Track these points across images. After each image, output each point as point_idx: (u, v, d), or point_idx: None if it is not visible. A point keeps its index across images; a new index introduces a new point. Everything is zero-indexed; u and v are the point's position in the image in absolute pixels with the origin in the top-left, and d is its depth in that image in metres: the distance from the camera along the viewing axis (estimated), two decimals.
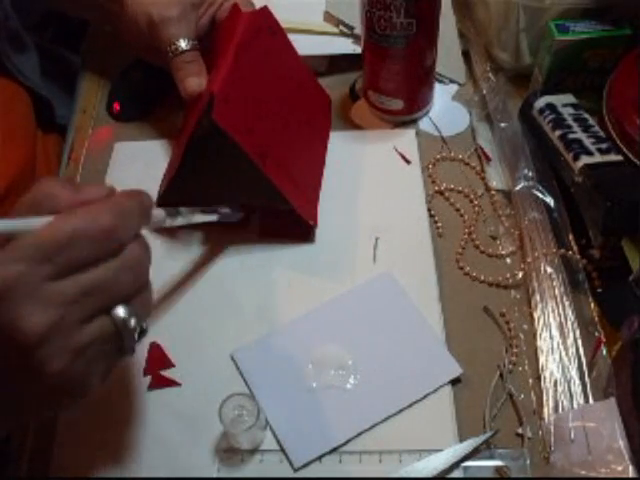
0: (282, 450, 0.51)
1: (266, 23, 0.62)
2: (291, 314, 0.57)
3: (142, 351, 0.56)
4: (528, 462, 0.50)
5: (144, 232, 0.43)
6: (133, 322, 0.40)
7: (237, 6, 0.63)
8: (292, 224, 0.60)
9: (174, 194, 0.60)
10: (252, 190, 0.58)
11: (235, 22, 0.60)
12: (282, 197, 0.57)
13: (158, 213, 0.48)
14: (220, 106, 0.53)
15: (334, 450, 0.51)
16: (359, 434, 0.51)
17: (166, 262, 0.61)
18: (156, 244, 0.61)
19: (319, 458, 0.51)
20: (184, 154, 0.57)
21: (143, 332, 0.41)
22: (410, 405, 0.52)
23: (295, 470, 0.50)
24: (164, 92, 0.66)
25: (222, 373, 0.55)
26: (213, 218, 0.57)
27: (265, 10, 0.63)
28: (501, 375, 0.54)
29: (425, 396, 0.53)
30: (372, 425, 0.52)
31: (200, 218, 0.56)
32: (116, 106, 0.73)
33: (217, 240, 0.62)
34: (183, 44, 0.62)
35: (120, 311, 0.40)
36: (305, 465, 0.50)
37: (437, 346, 0.55)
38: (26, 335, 0.36)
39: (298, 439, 0.51)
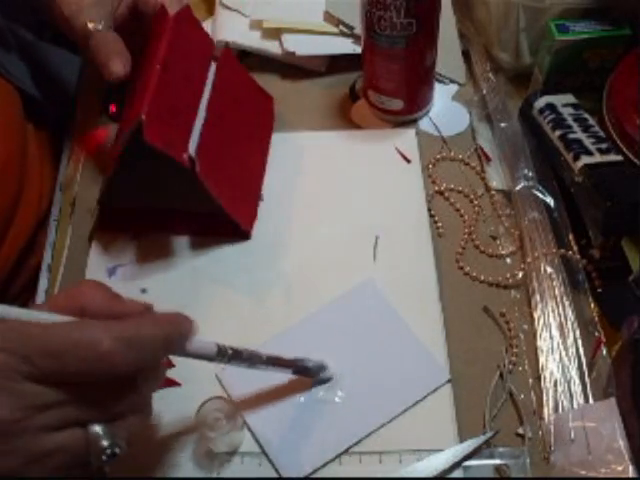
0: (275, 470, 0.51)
1: (190, 22, 0.62)
2: (291, 315, 0.57)
3: None
4: (528, 460, 0.50)
5: None
6: (105, 443, 0.37)
7: (163, 7, 0.61)
8: (226, 224, 0.60)
9: (112, 195, 0.61)
10: (187, 196, 0.57)
11: (161, 28, 0.59)
12: (216, 204, 0.57)
13: (208, 347, 0.43)
14: (150, 127, 0.52)
15: None
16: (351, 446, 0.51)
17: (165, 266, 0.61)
18: None
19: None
20: (118, 159, 0.57)
21: (113, 455, 0.37)
22: (399, 414, 0.52)
23: None
24: None
25: None
26: (288, 372, 0.51)
27: (187, 10, 0.61)
28: (501, 375, 0.54)
29: (424, 397, 0.53)
30: (362, 438, 0.51)
31: (272, 370, 0.50)
32: (112, 107, 0.73)
33: (216, 242, 0.62)
34: (99, 26, 0.59)
35: (95, 429, 0.37)
36: None
37: (422, 353, 0.55)
38: None
39: (289, 456, 0.51)
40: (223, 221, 0.60)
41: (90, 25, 0.59)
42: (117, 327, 0.36)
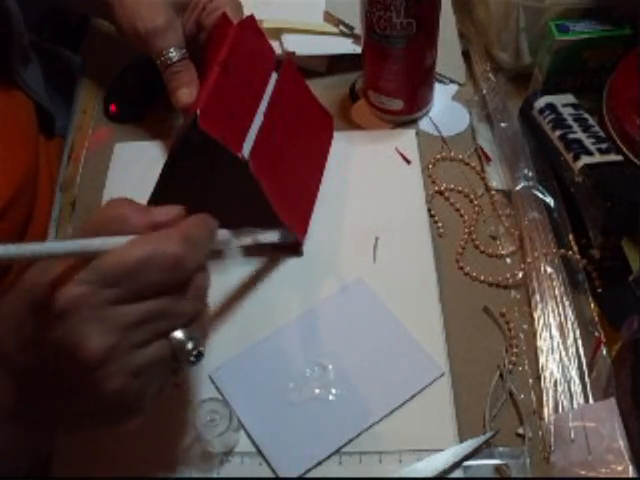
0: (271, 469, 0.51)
1: (253, 31, 0.62)
2: (289, 314, 0.57)
3: None
4: (528, 460, 0.50)
5: None
6: (190, 346, 0.41)
7: (225, 15, 0.62)
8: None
9: (163, 195, 0.59)
10: (240, 202, 0.56)
11: (223, 34, 0.59)
12: (272, 210, 0.56)
13: (223, 234, 0.48)
14: (205, 120, 0.52)
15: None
16: (350, 441, 0.51)
17: None
18: None
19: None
20: (171, 156, 0.57)
21: (200, 355, 0.41)
22: (392, 411, 0.52)
23: None
24: (161, 93, 0.66)
25: None
26: (274, 238, 0.56)
27: (251, 19, 0.62)
28: (501, 375, 0.54)
29: (424, 396, 0.53)
30: (357, 435, 0.51)
31: (263, 238, 0.55)
32: (112, 107, 0.73)
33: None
34: (173, 54, 0.62)
35: (178, 335, 0.40)
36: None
37: (416, 348, 0.55)
38: (86, 356, 0.37)
39: (285, 456, 0.51)
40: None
41: (165, 55, 0.62)
42: (176, 233, 0.40)
